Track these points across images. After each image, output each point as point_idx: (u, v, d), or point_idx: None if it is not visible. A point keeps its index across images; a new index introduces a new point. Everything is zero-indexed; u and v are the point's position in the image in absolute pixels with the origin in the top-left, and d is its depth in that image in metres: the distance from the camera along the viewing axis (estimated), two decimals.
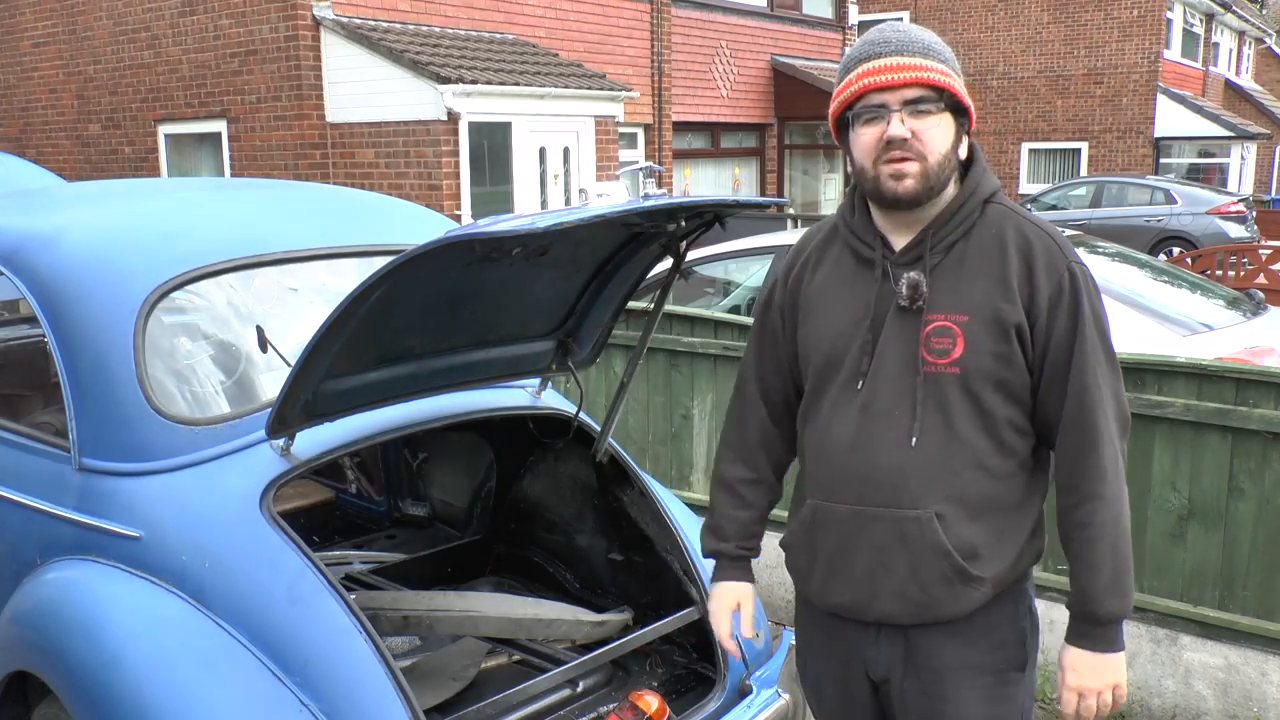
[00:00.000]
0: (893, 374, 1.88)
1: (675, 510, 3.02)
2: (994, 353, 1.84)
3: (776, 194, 18.29)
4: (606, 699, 2.71)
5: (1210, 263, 10.37)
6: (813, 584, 2.01)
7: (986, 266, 1.87)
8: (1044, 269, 1.85)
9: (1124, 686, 1.90)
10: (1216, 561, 3.52)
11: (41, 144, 13.71)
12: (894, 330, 1.89)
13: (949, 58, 1.87)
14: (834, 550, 1.95)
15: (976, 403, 1.85)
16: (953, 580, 1.87)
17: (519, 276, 2.46)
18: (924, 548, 1.86)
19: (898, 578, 1.89)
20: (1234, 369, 3.47)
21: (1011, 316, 1.84)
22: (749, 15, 17.20)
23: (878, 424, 1.89)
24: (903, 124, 1.82)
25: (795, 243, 2.14)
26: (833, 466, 1.94)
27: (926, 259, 1.88)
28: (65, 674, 2.31)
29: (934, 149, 1.84)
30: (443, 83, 10.19)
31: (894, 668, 1.96)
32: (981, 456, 1.87)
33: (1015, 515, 1.92)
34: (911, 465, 1.86)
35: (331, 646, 2.21)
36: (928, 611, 1.90)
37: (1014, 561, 1.93)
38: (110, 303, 2.60)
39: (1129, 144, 24.32)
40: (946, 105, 1.85)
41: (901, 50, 1.83)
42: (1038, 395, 1.88)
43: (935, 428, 1.86)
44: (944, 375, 1.85)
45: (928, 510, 1.86)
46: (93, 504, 2.49)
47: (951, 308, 1.86)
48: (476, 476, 3.46)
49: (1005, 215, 1.91)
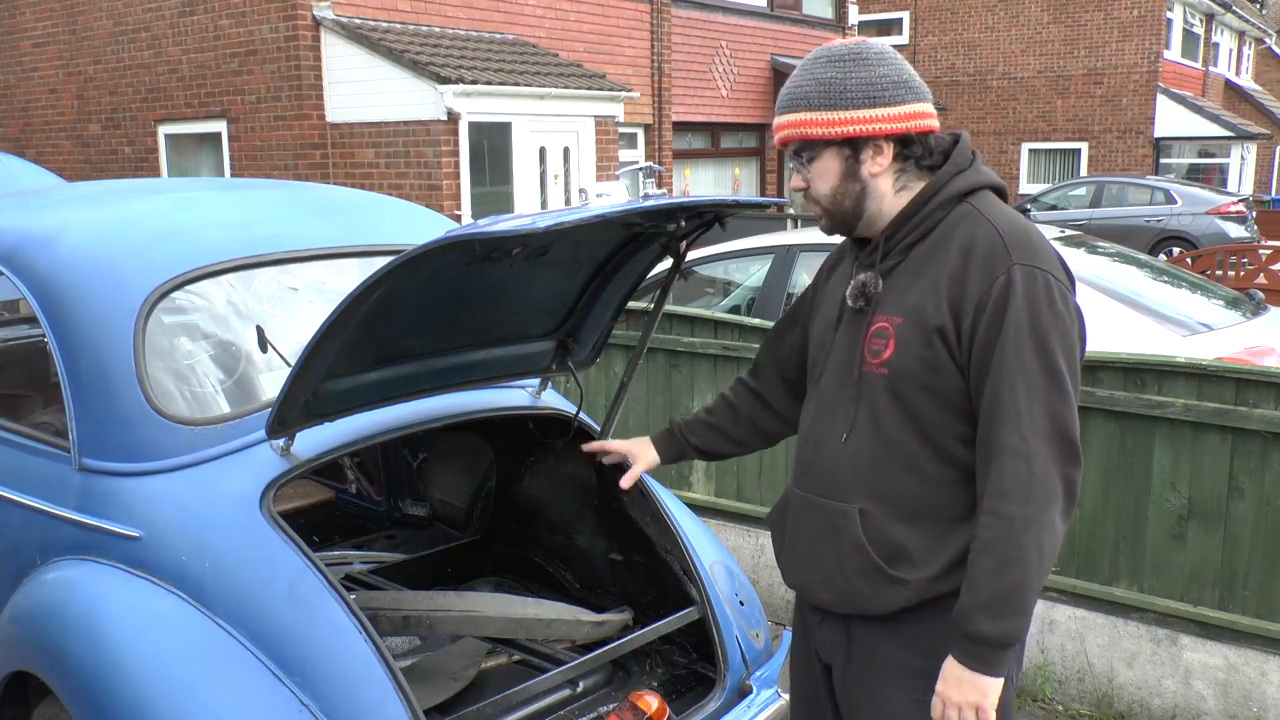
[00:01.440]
0: (837, 372, 1.98)
1: (675, 510, 3.02)
2: (919, 356, 1.84)
3: (776, 194, 18.29)
4: (606, 699, 2.71)
5: (1210, 263, 10.37)
6: (780, 563, 2.13)
7: (931, 268, 1.87)
8: (979, 269, 1.80)
9: (989, 711, 1.80)
10: (1216, 561, 3.52)
11: (41, 144, 13.71)
12: (845, 330, 1.99)
13: (817, 95, 1.88)
14: (790, 533, 2.08)
15: (904, 405, 1.87)
16: (871, 576, 1.91)
17: (519, 276, 2.46)
18: (845, 540, 1.93)
19: (827, 566, 1.97)
20: (1234, 369, 3.47)
21: (933, 319, 1.83)
22: (749, 15, 17.20)
23: (822, 419, 2.00)
24: (798, 174, 1.97)
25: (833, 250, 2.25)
26: (799, 455, 2.08)
27: (878, 263, 1.94)
28: (65, 674, 2.31)
29: (821, 192, 1.96)
30: (443, 83, 10.19)
31: (836, 655, 2.03)
32: (915, 460, 1.88)
33: (959, 525, 1.88)
34: (843, 460, 1.94)
35: (331, 646, 2.21)
36: (852, 603, 1.95)
37: (948, 568, 1.88)
38: (110, 302, 2.60)
39: (1129, 144, 24.32)
40: (821, 148, 1.92)
41: (779, 109, 1.96)
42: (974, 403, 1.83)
43: (865, 426, 1.92)
44: (875, 376, 1.90)
45: (853, 505, 1.92)
46: (93, 504, 2.49)
47: (894, 309, 1.90)
48: (476, 476, 3.46)
49: (967, 215, 1.88)
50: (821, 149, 1.92)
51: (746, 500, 4.63)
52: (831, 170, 1.93)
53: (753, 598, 2.96)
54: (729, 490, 4.69)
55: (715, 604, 2.78)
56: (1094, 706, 3.79)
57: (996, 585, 1.75)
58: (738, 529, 4.64)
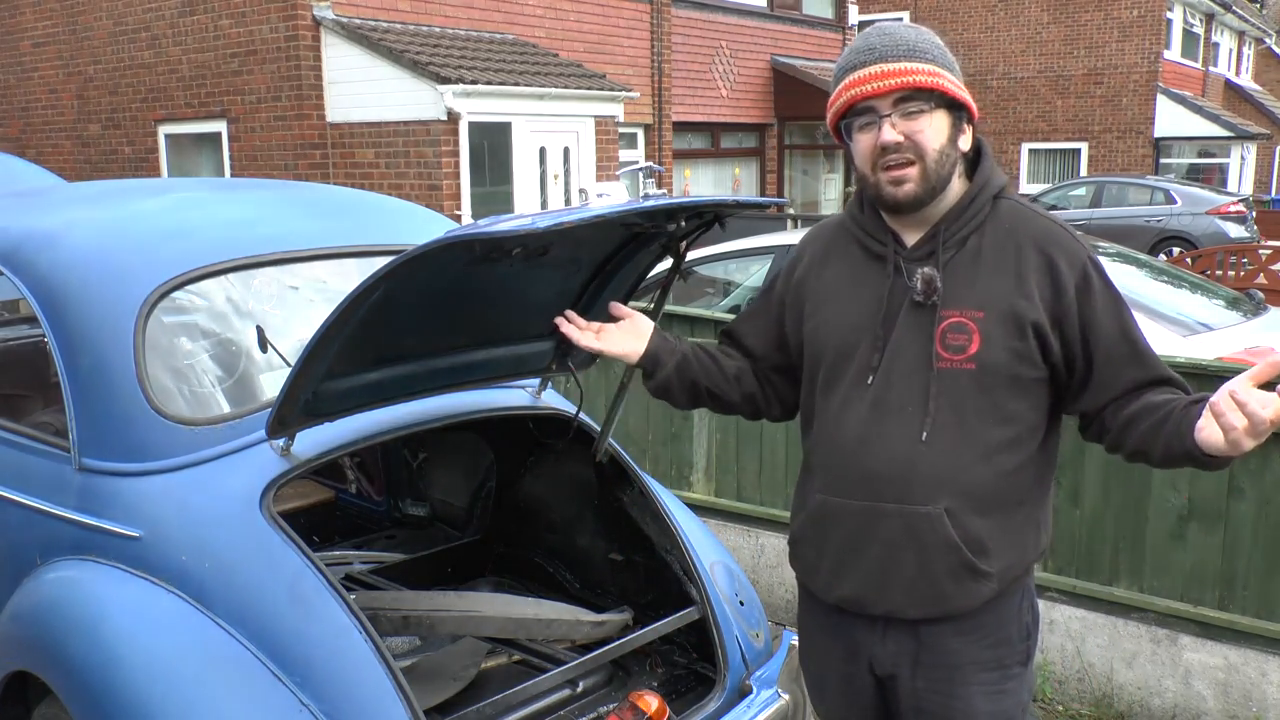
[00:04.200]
0: (905, 370, 1.89)
1: (675, 510, 3.02)
2: (1010, 349, 1.84)
3: (776, 194, 18.30)
4: (606, 699, 2.71)
5: (1210, 263, 10.37)
6: (819, 577, 2.02)
7: (1002, 262, 1.87)
8: (1065, 262, 1.86)
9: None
10: (1216, 561, 3.52)
11: (41, 144, 13.71)
12: (907, 326, 1.89)
13: (937, 54, 1.87)
14: (843, 544, 1.96)
15: (991, 398, 1.85)
16: (961, 575, 1.88)
17: (519, 277, 2.46)
18: (933, 543, 1.87)
19: (907, 573, 1.89)
20: (1234, 369, 3.46)
21: (1029, 314, 1.84)
22: (749, 15, 17.20)
23: (889, 420, 1.89)
24: (894, 128, 1.84)
25: (800, 239, 2.16)
26: (843, 461, 1.95)
27: (940, 254, 1.89)
28: (65, 674, 2.31)
29: (929, 147, 1.85)
30: (443, 83, 10.19)
31: (902, 665, 1.97)
32: (992, 452, 1.87)
33: (1023, 510, 1.92)
34: (922, 461, 1.87)
35: (331, 646, 2.21)
36: (936, 606, 1.90)
37: (1021, 556, 1.93)
38: (110, 302, 2.60)
39: (1129, 144, 24.32)
40: (938, 103, 1.86)
41: (885, 56, 1.85)
42: (1093, 376, 1.87)
43: (948, 424, 1.86)
44: (959, 371, 1.86)
45: (938, 506, 1.86)
46: (93, 504, 2.49)
47: (967, 303, 1.86)
48: (476, 476, 3.46)
49: (1017, 210, 1.93)
50: (937, 106, 1.86)
51: (746, 500, 4.63)
52: (944, 129, 1.87)
53: (753, 598, 2.96)
54: (729, 490, 4.69)
55: (715, 604, 2.77)
56: (1094, 706, 3.78)
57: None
58: (738, 529, 4.64)
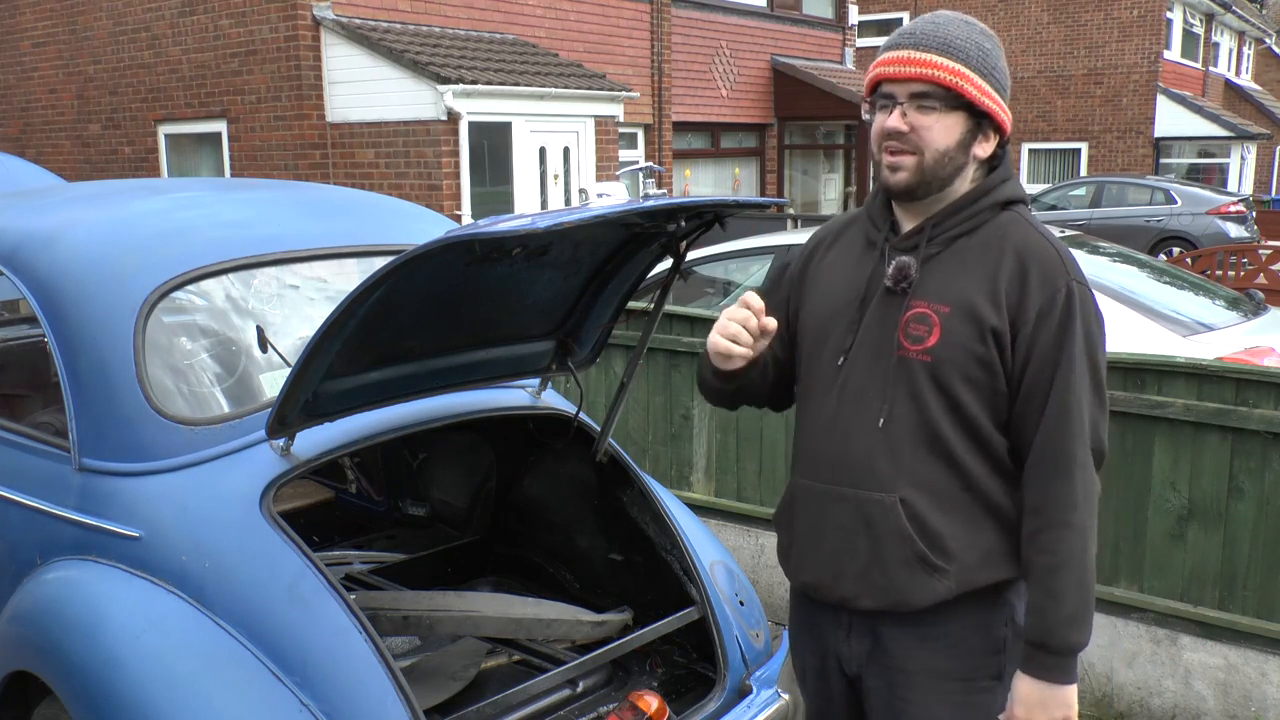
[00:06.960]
0: (869, 355, 1.91)
1: (675, 510, 3.02)
2: (967, 349, 1.84)
3: (776, 194, 18.29)
4: (606, 699, 2.71)
5: (1210, 263, 10.37)
6: (790, 561, 2.05)
7: (982, 265, 1.87)
8: (1039, 278, 1.83)
9: (1074, 718, 1.85)
10: (1216, 561, 3.52)
11: (41, 144, 13.71)
12: (878, 312, 1.91)
13: (974, 56, 1.85)
14: (806, 528, 1.98)
15: (947, 394, 1.85)
16: (915, 567, 1.86)
17: (519, 277, 2.46)
18: (886, 531, 1.87)
19: (861, 560, 1.90)
20: (1234, 369, 3.47)
21: (990, 318, 1.83)
22: (749, 15, 17.19)
23: (851, 404, 1.91)
24: (902, 117, 1.85)
25: (821, 225, 2.18)
26: (813, 444, 1.98)
27: (922, 247, 1.90)
28: (65, 674, 2.31)
29: (931, 145, 1.85)
30: (443, 83, 10.19)
31: (865, 664, 1.98)
32: (954, 449, 1.86)
33: (994, 516, 1.90)
34: (879, 448, 1.87)
35: (331, 646, 2.21)
36: (888, 596, 1.89)
37: (983, 560, 1.89)
38: (110, 302, 2.60)
39: (1129, 144, 24.32)
40: (955, 104, 1.85)
41: (920, 44, 1.84)
42: (1014, 408, 1.86)
43: (906, 414, 1.86)
44: (916, 362, 1.86)
45: (892, 495, 1.86)
46: (93, 504, 2.49)
47: (936, 297, 1.87)
48: (476, 476, 3.46)
49: (1017, 222, 1.91)
50: (954, 108, 1.84)
51: (746, 500, 4.63)
52: (954, 132, 1.86)
53: (753, 598, 2.96)
54: (729, 490, 4.69)
55: (715, 604, 2.78)
56: (1094, 706, 3.78)
57: (1081, 596, 1.80)
58: (738, 529, 4.64)
